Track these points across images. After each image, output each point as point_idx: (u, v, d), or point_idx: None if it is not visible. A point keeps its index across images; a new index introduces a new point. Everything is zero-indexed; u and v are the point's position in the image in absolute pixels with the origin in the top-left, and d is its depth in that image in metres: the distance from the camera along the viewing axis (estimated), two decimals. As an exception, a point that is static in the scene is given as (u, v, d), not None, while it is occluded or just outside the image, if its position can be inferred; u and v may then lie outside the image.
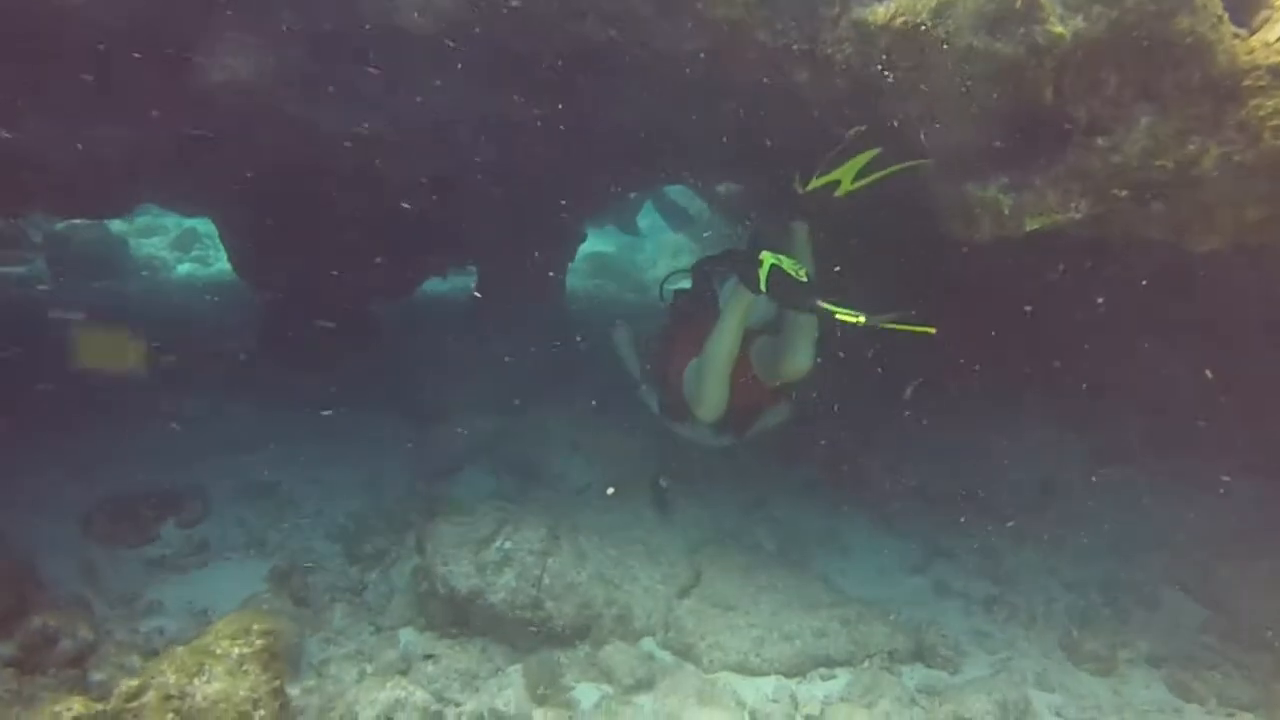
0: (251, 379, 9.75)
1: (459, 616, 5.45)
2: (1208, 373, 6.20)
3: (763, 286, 4.38)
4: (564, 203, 8.58)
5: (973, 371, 8.88)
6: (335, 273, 9.58)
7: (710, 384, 4.97)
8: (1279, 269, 5.66)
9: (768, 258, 4.39)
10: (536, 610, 5.29)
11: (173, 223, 17.49)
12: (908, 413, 8.77)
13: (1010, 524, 7.48)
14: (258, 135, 6.50)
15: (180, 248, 16.88)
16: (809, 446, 8.86)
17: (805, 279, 4.34)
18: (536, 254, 9.78)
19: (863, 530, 7.48)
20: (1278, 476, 7.04)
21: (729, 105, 5.39)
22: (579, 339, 9.75)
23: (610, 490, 7.11)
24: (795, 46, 4.56)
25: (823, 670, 5.44)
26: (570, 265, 11.94)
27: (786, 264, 4.36)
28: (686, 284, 5.98)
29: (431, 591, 5.53)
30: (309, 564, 6.52)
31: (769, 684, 5.29)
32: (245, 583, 6.34)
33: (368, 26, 5.54)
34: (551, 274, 10.74)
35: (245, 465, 8.11)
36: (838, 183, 4.67)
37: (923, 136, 4.73)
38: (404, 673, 5.17)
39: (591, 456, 7.84)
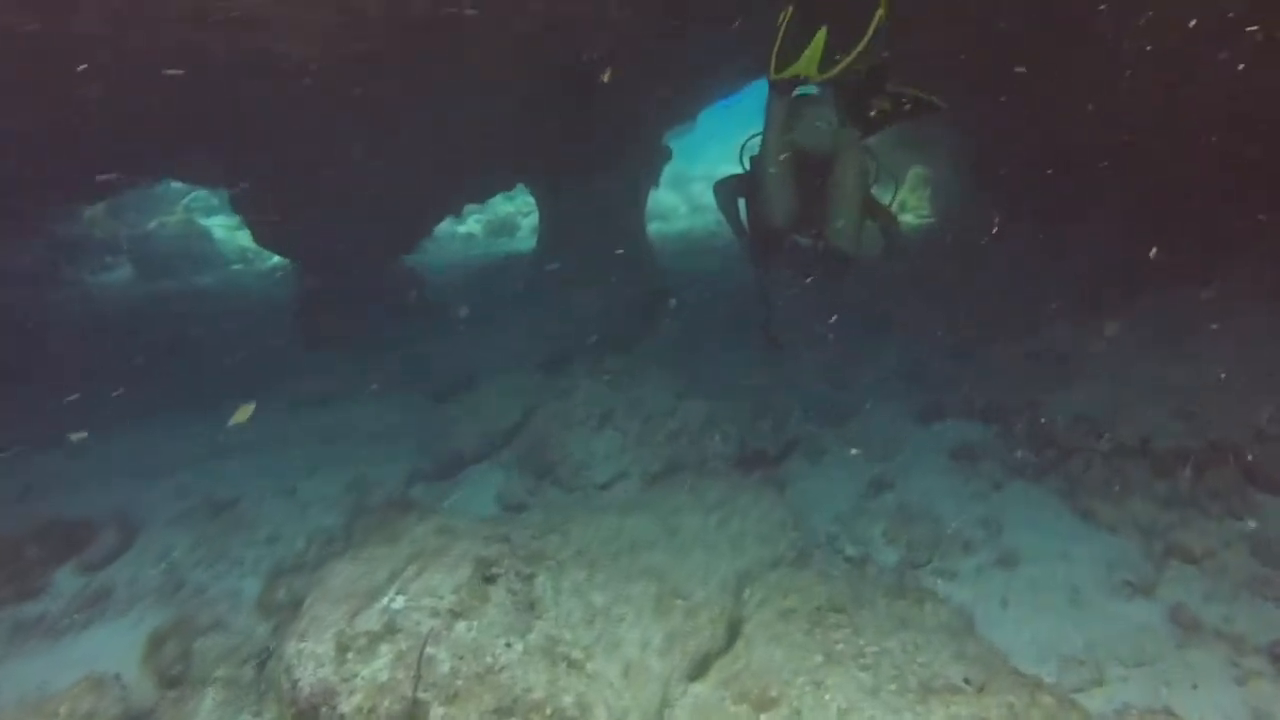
0: (266, 375, 8.10)
1: (312, 728, 3.30)
2: None
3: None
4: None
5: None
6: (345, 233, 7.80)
7: (772, 192, 4.67)
8: None
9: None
10: (411, 726, 3.06)
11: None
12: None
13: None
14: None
15: (278, 236, 15.73)
16: (960, 386, 6.20)
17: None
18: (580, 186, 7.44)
19: (1046, 517, 4.76)
20: None
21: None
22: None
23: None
24: None
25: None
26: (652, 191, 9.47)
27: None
28: None
29: (278, 685, 3.41)
30: (208, 621, 4.62)
31: None
32: (128, 648, 4.54)
33: None
34: (621, 212, 8.38)
35: (213, 477, 6.37)
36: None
37: None
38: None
39: (628, 433, 5.49)
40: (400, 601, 3.44)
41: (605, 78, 5.43)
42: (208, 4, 4.46)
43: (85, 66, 4.44)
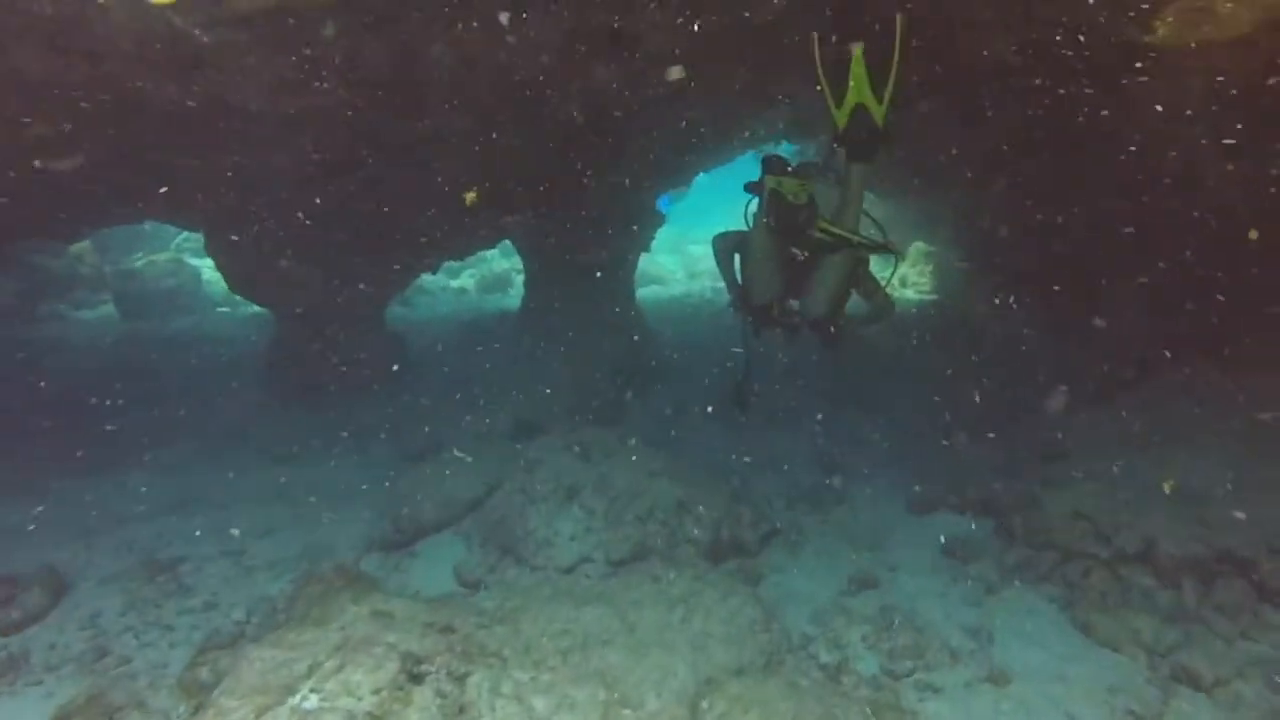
0: (231, 426, 7.77)
1: None
2: None
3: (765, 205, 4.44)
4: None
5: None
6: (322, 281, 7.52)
7: (757, 270, 4.59)
8: None
9: (769, 181, 4.37)
10: None
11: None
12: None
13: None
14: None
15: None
16: (955, 475, 5.87)
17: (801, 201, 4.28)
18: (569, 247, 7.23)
19: (1042, 628, 4.38)
20: None
21: None
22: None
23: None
24: None
25: None
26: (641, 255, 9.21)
27: (786, 187, 4.29)
28: None
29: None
30: (123, 699, 4.21)
31: None
32: (26, 728, 4.14)
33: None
34: (608, 275, 8.12)
35: (159, 534, 6.01)
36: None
37: None
38: None
39: (594, 512, 5.13)
40: (313, 700, 3.06)
41: (469, 200, 5.69)
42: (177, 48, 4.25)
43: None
